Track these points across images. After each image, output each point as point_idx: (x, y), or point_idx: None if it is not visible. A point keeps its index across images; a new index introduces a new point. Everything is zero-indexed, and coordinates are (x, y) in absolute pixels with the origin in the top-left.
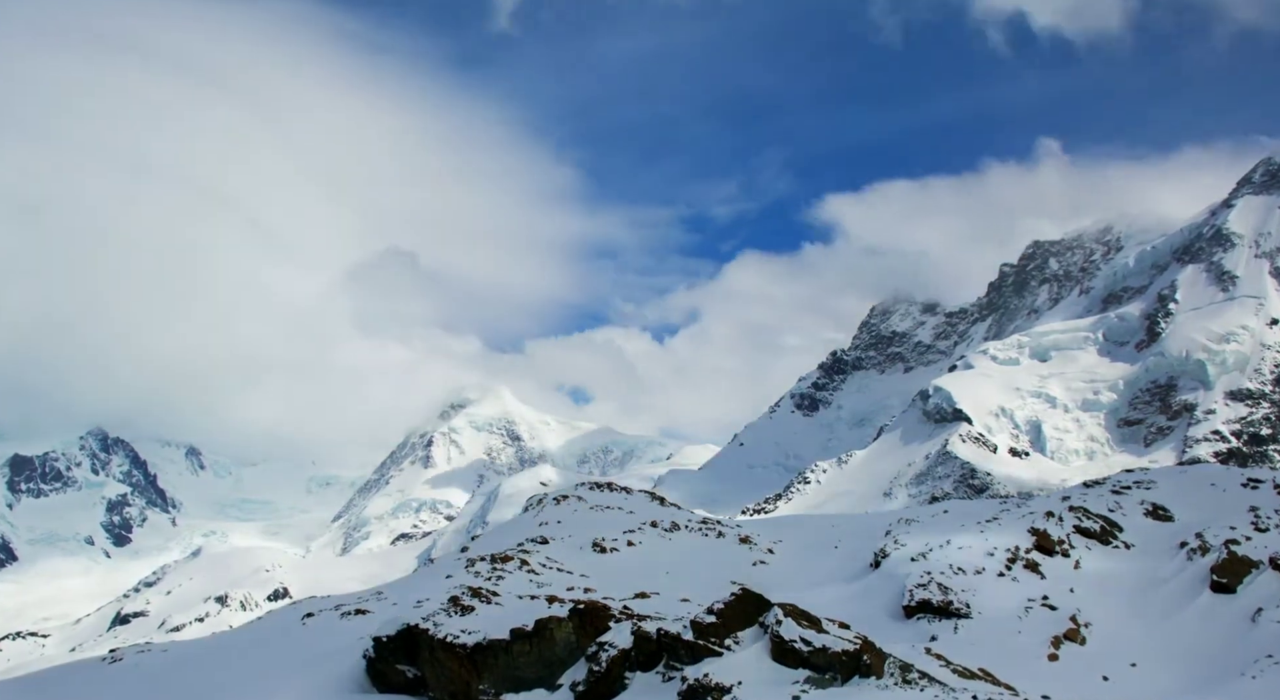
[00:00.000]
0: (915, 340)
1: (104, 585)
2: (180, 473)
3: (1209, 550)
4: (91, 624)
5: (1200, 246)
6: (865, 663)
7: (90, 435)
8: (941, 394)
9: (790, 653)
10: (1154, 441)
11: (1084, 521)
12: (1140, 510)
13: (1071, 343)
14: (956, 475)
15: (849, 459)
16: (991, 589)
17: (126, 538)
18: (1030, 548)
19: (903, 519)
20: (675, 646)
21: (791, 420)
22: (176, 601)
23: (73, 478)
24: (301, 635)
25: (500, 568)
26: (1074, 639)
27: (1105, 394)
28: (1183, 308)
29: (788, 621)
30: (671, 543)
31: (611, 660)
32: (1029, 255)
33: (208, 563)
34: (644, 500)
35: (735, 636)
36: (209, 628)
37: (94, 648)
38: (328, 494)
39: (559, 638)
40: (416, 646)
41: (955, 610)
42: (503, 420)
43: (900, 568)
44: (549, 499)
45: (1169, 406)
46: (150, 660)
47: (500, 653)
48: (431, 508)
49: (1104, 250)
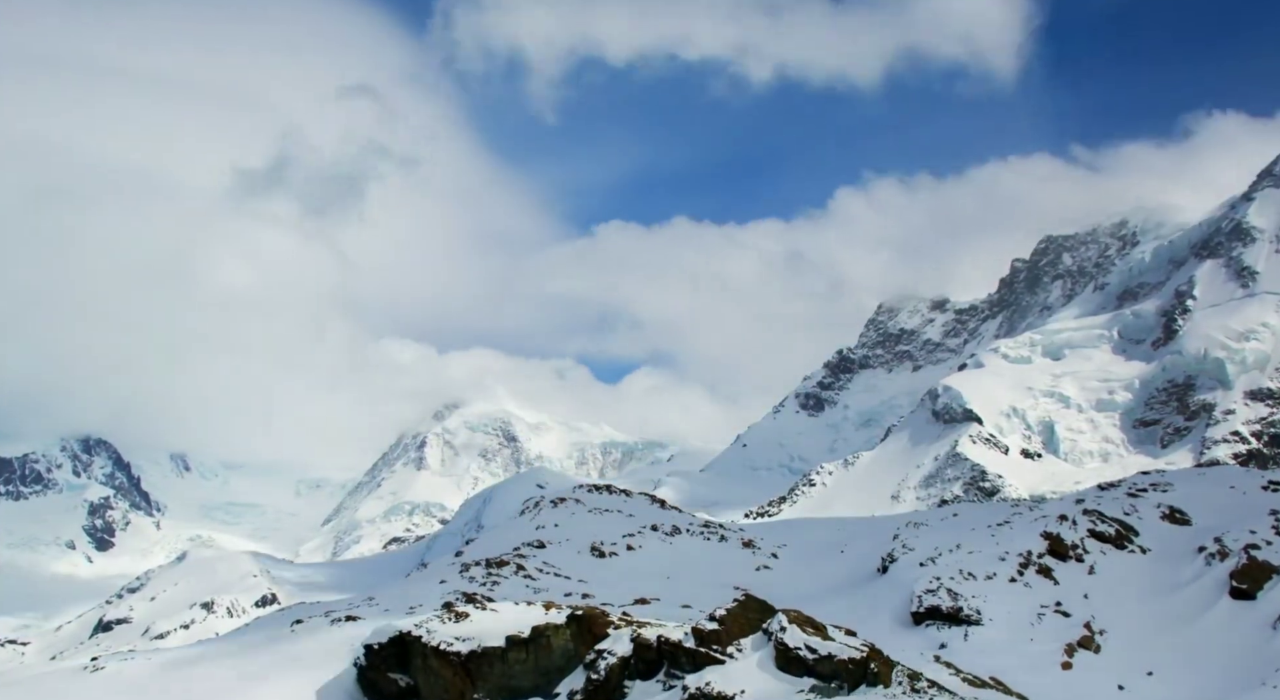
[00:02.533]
0: (924, 338)
1: (86, 591)
2: (165, 475)
3: (1228, 555)
4: (73, 631)
5: (1219, 241)
6: (872, 671)
7: (71, 436)
8: (951, 393)
9: (795, 661)
10: (1171, 443)
11: (1099, 525)
12: (1157, 514)
13: (1086, 341)
14: (966, 477)
15: (855, 461)
16: (1003, 595)
17: (109, 542)
18: (1043, 552)
19: (911, 522)
20: (676, 654)
21: (796, 421)
22: (161, 608)
23: (53, 480)
24: (290, 642)
25: (496, 573)
26: (1088, 647)
27: (1120, 394)
28: (1201, 304)
29: (792, 628)
30: (672, 547)
31: (610, 668)
32: (1041, 250)
33: (193, 568)
34: (644, 503)
35: (738, 644)
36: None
37: (75, 656)
38: (317, 496)
39: (556, 645)
40: (409, 654)
41: (965, 617)
42: (498, 420)
43: (908, 573)
44: (546, 502)
45: (1186, 407)
46: (134, 668)
47: (495, 661)
48: (425, 511)
49: (1119, 245)
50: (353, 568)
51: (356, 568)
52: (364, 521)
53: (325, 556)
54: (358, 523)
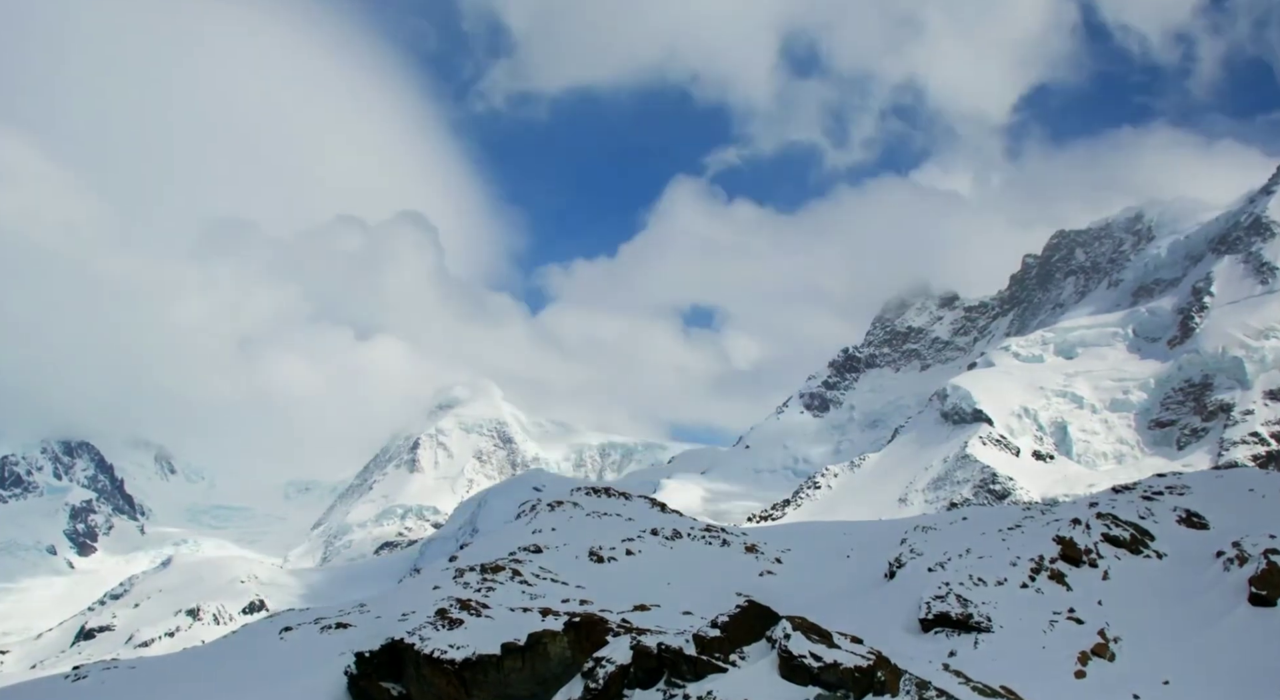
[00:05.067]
0: (932, 336)
1: (67, 597)
2: (149, 477)
3: (1247, 560)
4: (54, 639)
5: (1238, 236)
6: (879, 680)
7: (53, 438)
8: (960, 393)
9: (799, 669)
10: (1188, 444)
11: (1113, 529)
12: (1173, 517)
13: (1099, 339)
14: (976, 480)
15: (861, 463)
16: (1014, 601)
17: (91, 547)
18: (1055, 557)
19: (919, 526)
20: (677, 662)
21: (800, 421)
22: (145, 615)
23: (34, 483)
24: (279, 650)
25: (491, 578)
26: (1102, 655)
27: (1135, 393)
28: (1219, 301)
29: (797, 635)
30: (673, 551)
31: (609, 677)
32: (1054, 245)
33: (178, 573)
34: (644, 506)
35: (741, 651)
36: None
37: (56, 665)
38: (307, 500)
39: (553, 653)
40: (401, 662)
41: (975, 624)
42: (494, 421)
43: (916, 578)
44: (543, 505)
45: (1204, 407)
46: (116, 678)
47: (491, 669)
48: (417, 514)
49: (1134, 240)
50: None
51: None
52: (355, 525)
53: (315, 562)
54: (348, 527)
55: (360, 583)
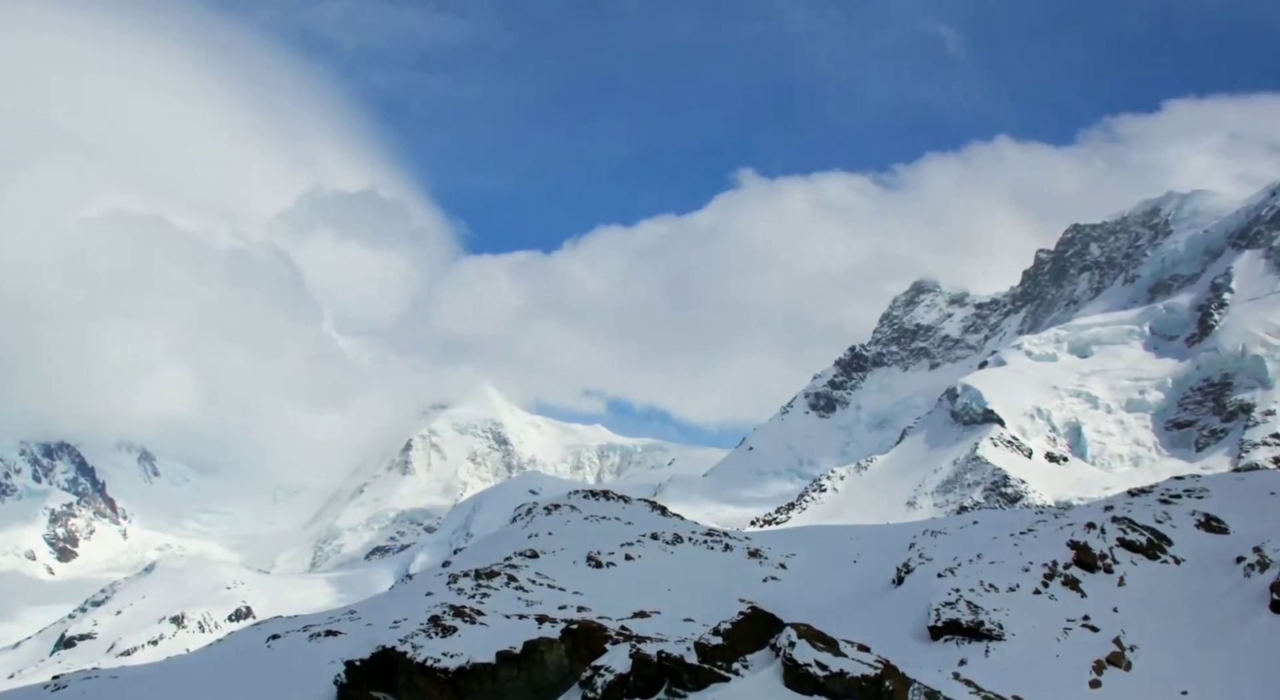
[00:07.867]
0: (942, 334)
1: (47, 605)
2: (132, 480)
3: (1268, 566)
4: (33, 648)
5: (1258, 230)
6: (887, 689)
7: (32, 439)
8: (971, 393)
9: (805, 678)
10: (1206, 446)
11: (1129, 534)
12: (1191, 521)
13: (1115, 337)
14: (987, 483)
15: (869, 464)
16: (1026, 608)
17: (72, 552)
18: (1069, 563)
19: (928, 530)
20: (678, 671)
21: (805, 422)
22: (127, 622)
23: (11, 486)
24: (266, 659)
25: (486, 584)
26: (1118, 663)
27: (1152, 393)
28: (1239, 298)
29: (802, 643)
30: (674, 556)
31: (608, 686)
32: (1068, 240)
33: (162, 579)
34: (643, 510)
35: (744, 660)
36: (163, 652)
37: (35, 674)
38: (295, 503)
39: (550, 661)
40: (393, 671)
41: (986, 631)
42: (488, 422)
43: (925, 584)
44: (539, 509)
45: (1223, 407)
46: (98, 688)
47: (485, 678)
48: (410, 519)
49: (1151, 234)
50: (333, 579)
51: (337, 579)
52: (345, 530)
53: (304, 567)
54: (338, 531)
55: (350, 589)
